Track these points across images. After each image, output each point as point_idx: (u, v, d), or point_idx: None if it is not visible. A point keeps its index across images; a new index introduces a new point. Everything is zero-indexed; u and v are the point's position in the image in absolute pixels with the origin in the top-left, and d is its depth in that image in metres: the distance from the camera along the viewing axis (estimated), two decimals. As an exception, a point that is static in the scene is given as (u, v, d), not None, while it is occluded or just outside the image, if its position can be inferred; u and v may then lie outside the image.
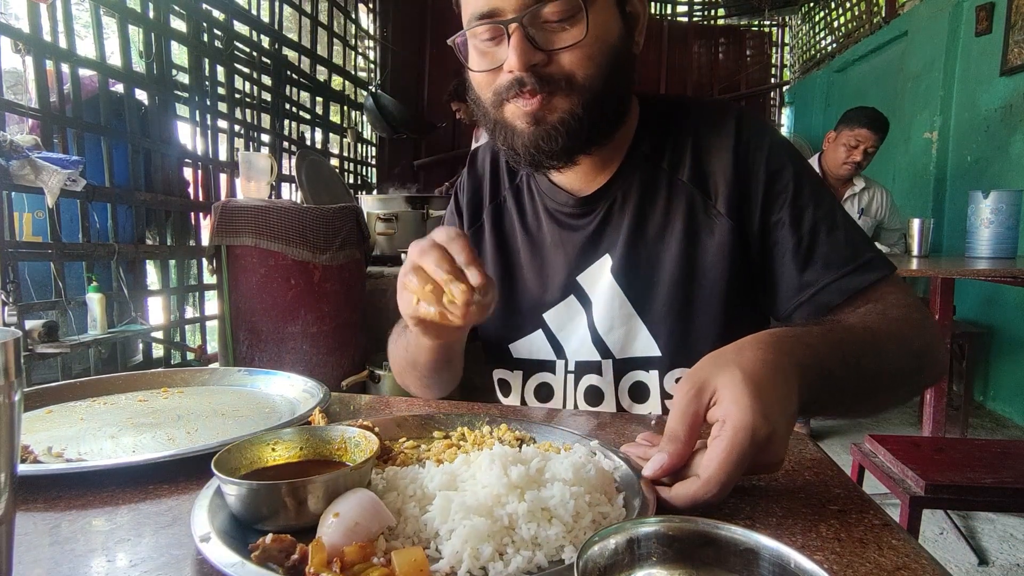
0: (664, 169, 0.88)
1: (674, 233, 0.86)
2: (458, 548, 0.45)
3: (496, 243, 0.99)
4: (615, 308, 0.89)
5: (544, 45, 0.75)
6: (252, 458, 0.56)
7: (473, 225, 1.01)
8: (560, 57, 0.76)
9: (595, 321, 0.90)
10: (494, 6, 0.74)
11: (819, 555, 0.46)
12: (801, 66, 7.21)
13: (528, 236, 0.96)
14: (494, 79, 0.79)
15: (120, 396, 0.88)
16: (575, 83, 0.76)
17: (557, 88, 0.76)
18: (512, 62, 0.74)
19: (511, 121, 0.80)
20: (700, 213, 0.86)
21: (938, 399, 2.44)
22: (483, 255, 0.99)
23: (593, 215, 0.91)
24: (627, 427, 0.76)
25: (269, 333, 2.67)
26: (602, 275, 0.90)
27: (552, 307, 0.93)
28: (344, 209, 2.85)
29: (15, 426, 0.34)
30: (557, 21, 0.74)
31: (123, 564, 0.45)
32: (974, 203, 2.59)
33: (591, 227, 0.91)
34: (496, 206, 1.00)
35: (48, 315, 2.38)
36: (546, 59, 0.76)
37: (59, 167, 2.19)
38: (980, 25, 3.77)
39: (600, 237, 0.91)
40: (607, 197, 0.90)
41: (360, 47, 5.86)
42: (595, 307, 0.90)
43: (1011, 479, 1.53)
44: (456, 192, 1.06)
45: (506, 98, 0.78)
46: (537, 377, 0.96)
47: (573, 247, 0.92)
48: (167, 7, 3.09)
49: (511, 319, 0.96)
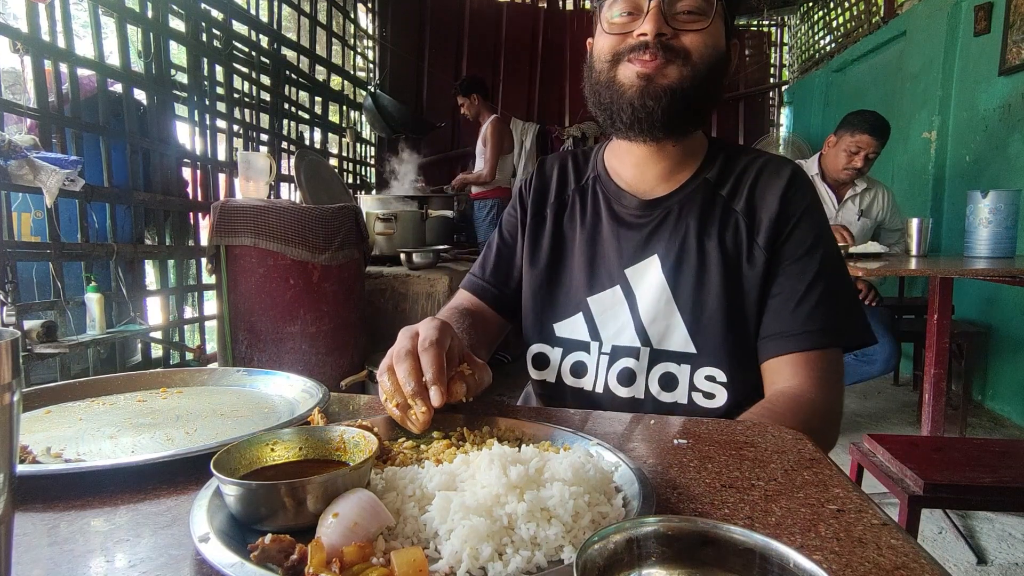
0: (722, 196, 0.99)
1: (721, 252, 0.96)
2: (457, 548, 0.45)
3: (553, 232, 1.09)
4: (661, 303, 0.98)
5: (673, 23, 0.89)
6: (251, 458, 0.56)
7: (536, 216, 1.12)
8: (683, 36, 0.90)
9: (640, 311, 0.99)
10: None
11: (818, 555, 0.46)
12: (800, 66, 7.21)
13: (585, 229, 1.06)
14: (620, 42, 0.92)
15: (119, 396, 0.88)
16: (690, 59, 0.89)
17: (675, 58, 0.89)
18: (647, 27, 0.88)
19: (622, 80, 0.92)
20: (744, 242, 0.97)
21: (937, 399, 2.44)
22: (540, 244, 1.10)
23: (651, 218, 1.01)
24: (628, 428, 0.76)
25: (268, 333, 2.67)
26: (649, 271, 1.00)
27: (598, 293, 1.03)
28: (343, 209, 2.85)
29: (14, 426, 0.34)
30: (687, 13, 0.89)
31: (122, 564, 0.45)
32: (973, 203, 2.59)
33: (648, 228, 1.01)
34: (560, 203, 1.11)
35: (47, 315, 2.38)
36: (672, 34, 0.89)
37: (57, 167, 2.19)
38: (979, 25, 3.77)
39: (653, 238, 1.00)
40: (667, 205, 1.01)
41: (359, 47, 5.86)
42: (640, 299, 1.00)
43: (1010, 478, 1.54)
44: (520, 191, 1.18)
45: (626, 57, 0.91)
46: (574, 356, 1.04)
47: (627, 243, 1.02)
48: (166, 7, 3.08)
49: (559, 301, 1.06)
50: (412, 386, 0.70)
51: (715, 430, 0.73)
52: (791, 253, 0.95)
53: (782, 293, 0.94)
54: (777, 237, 0.95)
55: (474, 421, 0.72)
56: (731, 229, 0.97)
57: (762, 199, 0.97)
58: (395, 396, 0.71)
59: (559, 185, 1.12)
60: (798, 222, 0.95)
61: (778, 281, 0.95)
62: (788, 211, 0.96)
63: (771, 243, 0.95)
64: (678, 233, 0.99)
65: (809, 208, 0.96)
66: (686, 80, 0.89)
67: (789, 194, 0.96)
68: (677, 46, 0.89)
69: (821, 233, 0.96)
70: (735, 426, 0.75)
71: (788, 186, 0.97)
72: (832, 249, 0.97)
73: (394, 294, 3.35)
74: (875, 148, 2.95)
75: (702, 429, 0.73)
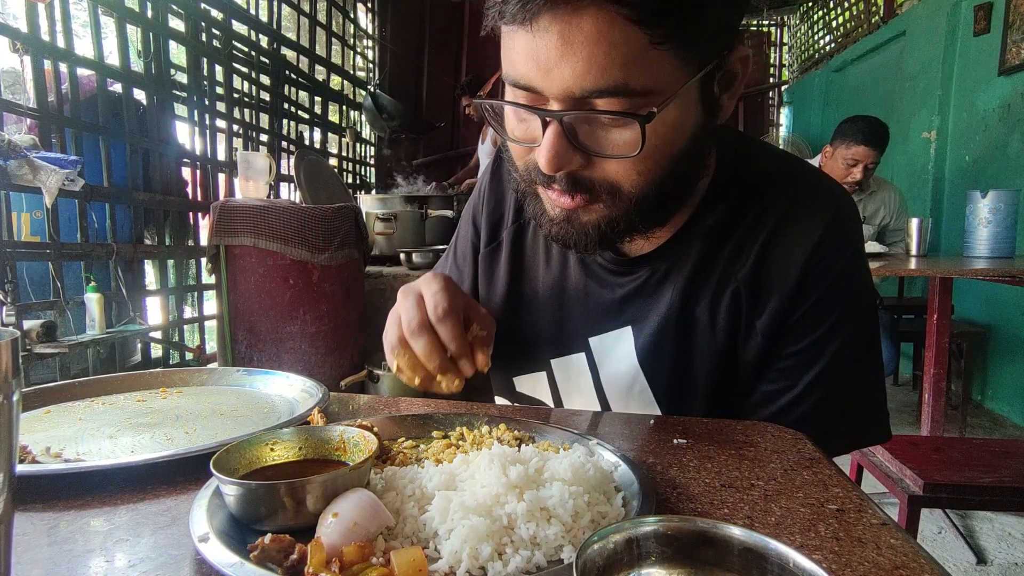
0: (723, 256, 0.75)
1: (712, 328, 0.76)
2: (457, 548, 0.45)
3: (512, 269, 0.89)
4: (634, 392, 0.80)
5: (587, 144, 0.61)
6: (251, 458, 0.56)
7: (490, 244, 0.92)
8: (604, 163, 0.62)
9: (606, 389, 0.83)
10: (533, 84, 0.59)
11: (818, 554, 0.46)
12: (799, 66, 7.21)
13: (550, 272, 0.86)
14: (528, 153, 0.67)
15: (118, 396, 0.88)
16: (619, 195, 0.64)
17: (596, 196, 0.65)
18: (541, 161, 0.61)
19: (543, 201, 0.70)
20: (743, 320, 0.75)
21: (936, 399, 2.44)
22: (496, 280, 0.91)
23: (630, 278, 0.79)
24: (627, 427, 0.76)
25: (268, 333, 2.67)
26: (619, 346, 0.81)
27: (563, 356, 0.86)
28: (343, 209, 2.85)
29: (13, 426, 0.34)
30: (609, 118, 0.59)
31: (122, 564, 0.45)
32: (972, 203, 2.59)
33: (623, 291, 0.80)
34: (519, 228, 0.90)
35: (46, 315, 2.38)
36: (586, 161, 0.62)
37: (57, 167, 2.19)
38: (978, 25, 3.77)
39: (628, 305, 0.80)
40: (651, 264, 0.78)
41: (359, 47, 5.86)
42: (605, 377, 0.83)
43: (1009, 478, 1.54)
44: (475, 201, 0.97)
45: (537, 181, 0.68)
46: None
47: (596, 304, 0.82)
48: (165, 7, 3.08)
49: (520, 353, 0.89)
50: (438, 362, 0.65)
51: (715, 430, 0.73)
52: (797, 340, 0.74)
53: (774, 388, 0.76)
54: (783, 322, 0.73)
55: (474, 421, 0.72)
56: (727, 301, 0.75)
57: (775, 269, 0.73)
58: (416, 371, 0.67)
59: (517, 201, 0.88)
60: (817, 302, 0.72)
61: (773, 372, 0.76)
62: (805, 290, 0.72)
63: (773, 331, 0.74)
64: (659, 302, 0.77)
65: (839, 280, 0.72)
66: (619, 216, 0.65)
67: (813, 264, 0.71)
68: (597, 179, 0.63)
69: (846, 311, 0.73)
70: (735, 426, 0.75)
71: (814, 251, 0.71)
72: (855, 330, 0.74)
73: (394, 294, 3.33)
74: (873, 158, 2.82)
75: (702, 429, 0.73)
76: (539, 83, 0.59)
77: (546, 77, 0.58)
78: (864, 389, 0.78)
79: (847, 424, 0.77)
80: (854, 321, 0.74)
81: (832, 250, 0.72)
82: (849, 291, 0.74)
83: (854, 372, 0.76)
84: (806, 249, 0.71)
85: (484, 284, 0.93)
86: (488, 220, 0.93)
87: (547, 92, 0.59)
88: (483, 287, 0.93)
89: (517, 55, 0.60)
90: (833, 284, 0.72)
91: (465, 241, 0.97)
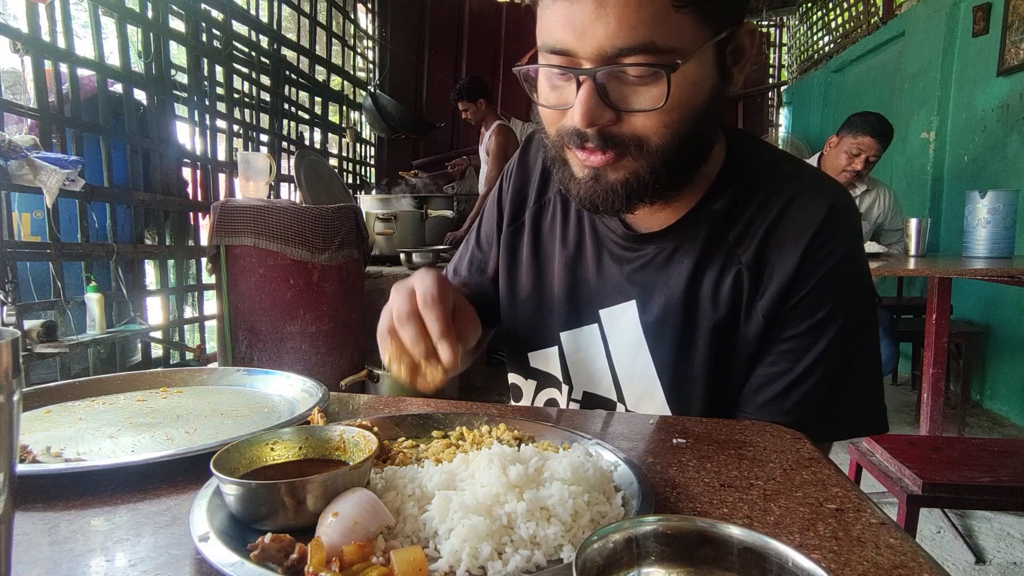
0: (728, 240, 0.79)
1: (714, 307, 0.79)
2: (457, 547, 0.45)
3: (533, 247, 0.94)
4: (638, 365, 0.84)
5: (617, 101, 0.67)
6: (251, 458, 0.56)
7: (513, 223, 0.97)
8: (632, 118, 0.67)
9: (615, 364, 0.87)
10: (569, 47, 0.65)
11: (817, 554, 0.46)
12: (799, 66, 7.22)
13: (566, 250, 0.91)
14: (560, 118, 0.72)
15: (119, 396, 0.88)
16: (646, 148, 0.69)
17: (625, 150, 0.69)
18: (575, 117, 0.67)
19: (571, 166, 0.74)
20: (743, 304, 0.78)
21: (935, 398, 2.44)
22: (518, 260, 0.96)
23: (639, 254, 0.84)
24: (627, 427, 0.76)
25: (268, 333, 2.67)
26: (625, 319, 0.85)
27: (573, 329, 0.90)
28: (343, 209, 2.85)
29: (14, 426, 0.34)
30: (637, 78, 0.65)
31: (122, 564, 0.45)
32: (971, 203, 2.59)
33: (631, 266, 0.84)
34: (539, 207, 0.95)
35: (47, 315, 2.38)
36: (616, 117, 0.67)
37: (58, 167, 2.19)
38: (977, 25, 3.78)
39: (635, 281, 0.84)
40: (660, 243, 0.82)
41: (359, 47, 5.86)
42: (614, 349, 0.87)
43: (1008, 478, 1.54)
44: (502, 180, 1.01)
45: (566, 143, 0.72)
46: (547, 392, 0.95)
47: (608, 277, 0.86)
48: (166, 7, 3.09)
49: (535, 328, 0.94)
50: (422, 347, 0.67)
51: (714, 429, 0.73)
52: (795, 324, 0.77)
53: (772, 371, 0.79)
54: (783, 305, 0.77)
55: (473, 421, 0.73)
56: (730, 282, 0.78)
57: (776, 253, 0.77)
58: (403, 357, 0.69)
59: (541, 181, 0.95)
60: (815, 287, 0.76)
61: (771, 355, 0.79)
62: (805, 273, 0.76)
63: (773, 313, 0.77)
64: (666, 278, 0.82)
65: (836, 266, 0.76)
66: (644, 171, 0.70)
67: (812, 249, 0.75)
68: (627, 135, 0.68)
69: (843, 299, 0.77)
70: (734, 425, 0.75)
71: (814, 238, 0.75)
72: (852, 318, 0.78)
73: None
74: (876, 151, 2.92)
75: (701, 428, 0.74)
76: (574, 45, 0.65)
77: (581, 38, 0.64)
78: (861, 378, 0.80)
79: (844, 411, 0.80)
80: (851, 309, 0.78)
81: (831, 238, 0.76)
82: (846, 280, 0.77)
83: (851, 360, 0.79)
84: (806, 236, 0.76)
85: (505, 262, 0.98)
86: (512, 201, 0.98)
87: (581, 53, 0.65)
88: (504, 265, 0.98)
89: (554, 23, 0.66)
90: (831, 271, 0.76)
91: (490, 224, 1.02)
